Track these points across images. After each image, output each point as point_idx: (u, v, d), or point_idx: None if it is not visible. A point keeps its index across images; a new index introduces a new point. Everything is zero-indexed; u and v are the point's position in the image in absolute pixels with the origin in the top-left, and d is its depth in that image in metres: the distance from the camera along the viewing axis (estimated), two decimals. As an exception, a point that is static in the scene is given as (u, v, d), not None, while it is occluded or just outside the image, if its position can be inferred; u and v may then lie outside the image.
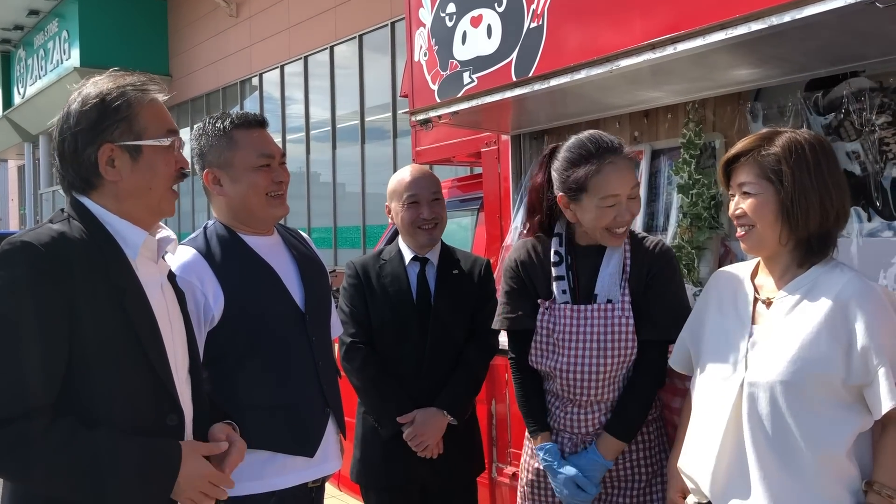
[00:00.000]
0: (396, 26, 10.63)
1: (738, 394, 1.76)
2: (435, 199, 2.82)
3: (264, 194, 2.16)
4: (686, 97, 2.57)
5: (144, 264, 1.67)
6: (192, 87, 16.72)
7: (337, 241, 12.46)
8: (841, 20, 1.75)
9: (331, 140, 12.63)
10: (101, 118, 1.61)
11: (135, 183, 1.64)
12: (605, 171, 2.14)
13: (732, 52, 2.04)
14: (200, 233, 2.20)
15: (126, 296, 1.58)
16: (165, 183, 1.68)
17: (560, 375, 2.24)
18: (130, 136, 1.62)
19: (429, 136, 3.73)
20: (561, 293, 2.25)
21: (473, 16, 2.65)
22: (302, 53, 13.03)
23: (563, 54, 2.33)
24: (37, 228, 1.56)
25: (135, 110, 1.63)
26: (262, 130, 2.21)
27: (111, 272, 1.57)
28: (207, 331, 2.07)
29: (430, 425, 2.69)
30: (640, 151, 2.80)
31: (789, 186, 1.73)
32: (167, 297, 1.73)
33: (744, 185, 1.80)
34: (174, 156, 1.69)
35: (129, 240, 1.63)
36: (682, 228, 2.60)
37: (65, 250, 1.51)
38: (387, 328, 2.78)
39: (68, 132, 1.62)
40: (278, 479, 2.09)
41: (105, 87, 1.64)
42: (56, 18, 18.20)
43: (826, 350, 1.67)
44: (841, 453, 1.68)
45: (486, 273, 2.92)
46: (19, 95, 21.33)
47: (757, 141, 1.79)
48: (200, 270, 2.09)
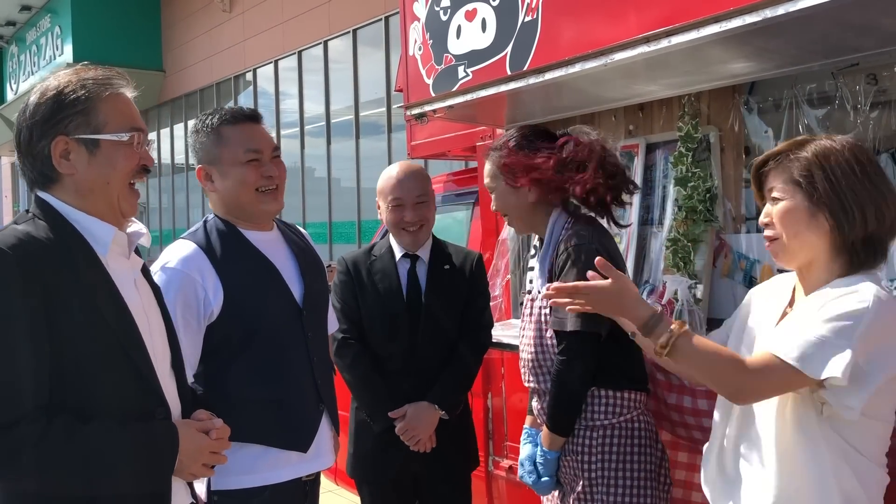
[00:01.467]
0: (390, 21, 10.60)
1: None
2: (420, 201, 2.79)
3: (254, 189, 2.15)
4: (681, 90, 2.58)
5: (115, 260, 1.65)
6: (185, 83, 16.66)
7: (332, 236, 12.45)
8: (835, 13, 1.75)
9: (325, 135, 12.61)
10: (56, 110, 1.59)
11: (91, 177, 1.61)
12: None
13: (727, 46, 2.04)
14: (200, 227, 2.19)
15: (98, 293, 1.56)
16: (124, 178, 1.65)
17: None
18: (88, 129, 1.60)
19: (424, 130, 3.73)
20: (528, 283, 2.42)
21: (468, 10, 2.65)
22: (296, 48, 12.99)
23: (557, 48, 2.33)
24: (1, 231, 1.54)
25: (94, 104, 1.61)
26: (251, 125, 2.19)
27: (81, 270, 1.55)
28: (206, 325, 2.07)
29: (422, 419, 2.70)
30: (636, 145, 2.80)
31: (826, 189, 1.61)
32: (142, 292, 1.71)
33: (772, 190, 1.70)
34: (136, 152, 1.66)
35: (97, 236, 1.61)
36: (678, 221, 2.61)
37: (32, 251, 1.49)
38: (377, 324, 2.78)
39: (24, 124, 1.61)
40: (272, 472, 2.09)
41: (64, 80, 1.62)
42: (48, 14, 18.10)
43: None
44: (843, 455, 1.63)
45: (478, 267, 2.91)
46: (12, 91, 21.23)
47: (788, 146, 1.71)
48: (201, 264, 2.08)
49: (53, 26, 17.82)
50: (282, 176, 2.22)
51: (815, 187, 1.63)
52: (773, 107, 2.41)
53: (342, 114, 12.23)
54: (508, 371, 3.15)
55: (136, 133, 1.65)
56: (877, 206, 1.61)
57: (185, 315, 2.03)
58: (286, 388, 2.12)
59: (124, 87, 1.68)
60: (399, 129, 10.47)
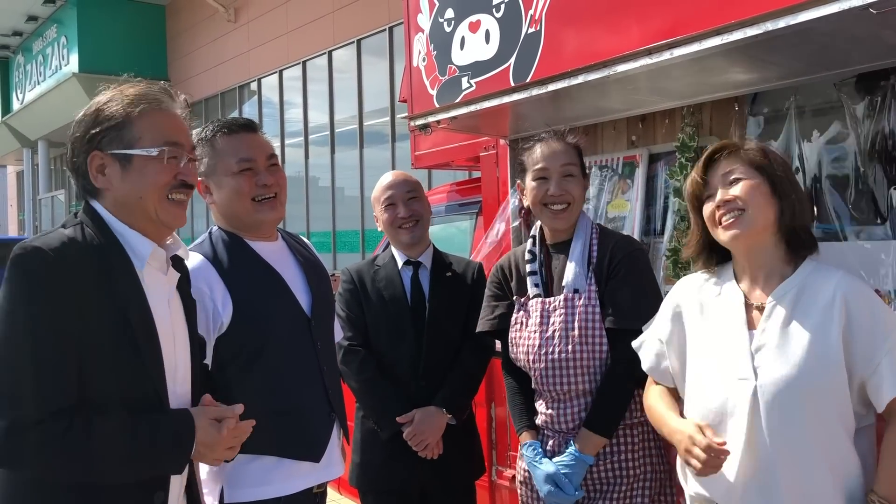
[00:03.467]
0: (394, 31, 10.65)
1: (751, 402, 1.73)
2: (411, 197, 2.86)
3: (249, 199, 2.14)
4: (683, 102, 2.59)
5: (152, 275, 1.67)
6: (190, 92, 16.30)
7: (336, 245, 12.46)
8: (835, 26, 1.77)
9: (329, 144, 12.64)
10: (92, 126, 1.64)
11: (125, 191, 1.64)
12: (536, 147, 2.35)
13: (728, 57, 2.05)
14: (206, 238, 2.20)
15: (130, 306, 1.59)
16: (157, 192, 1.66)
17: (532, 367, 2.30)
18: (121, 144, 1.63)
19: (427, 140, 3.75)
20: (534, 287, 2.35)
21: (472, 21, 2.66)
22: (300, 58, 13.04)
23: (560, 59, 2.35)
24: (49, 233, 1.57)
25: (130, 119, 1.63)
26: (245, 134, 2.18)
27: (115, 281, 1.58)
28: (216, 336, 2.07)
29: (430, 424, 2.70)
30: (638, 155, 2.82)
31: (781, 175, 1.79)
32: (173, 310, 1.73)
33: (731, 172, 1.82)
34: (168, 166, 1.67)
35: (137, 250, 1.64)
36: (679, 232, 2.62)
37: (74, 256, 1.53)
38: (382, 331, 2.80)
39: (70, 140, 1.67)
40: (285, 483, 2.08)
41: (107, 97, 1.66)
42: (55, 24, 18.19)
43: (834, 350, 1.68)
44: (841, 453, 1.69)
45: (479, 275, 2.94)
46: (18, 101, 21.32)
47: (730, 143, 1.87)
48: (209, 277, 2.08)
49: (59, 36, 17.91)
50: (280, 184, 2.19)
51: (776, 173, 1.79)
52: (775, 118, 2.42)
53: (346, 123, 12.26)
54: (512, 380, 3.15)
55: (168, 147, 1.66)
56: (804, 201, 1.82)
57: None
58: (298, 398, 2.12)
59: (165, 101, 1.70)
60: (403, 139, 10.50)
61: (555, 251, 2.38)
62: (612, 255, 2.26)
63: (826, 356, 1.68)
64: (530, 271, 2.37)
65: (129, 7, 17.05)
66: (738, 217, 1.79)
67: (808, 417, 1.68)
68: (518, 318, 2.36)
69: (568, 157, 2.32)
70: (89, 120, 1.64)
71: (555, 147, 2.33)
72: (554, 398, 2.29)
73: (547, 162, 2.31)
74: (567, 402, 2.26)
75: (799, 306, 1.74)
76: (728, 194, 1.80)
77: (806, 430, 1.69)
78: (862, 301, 1.70)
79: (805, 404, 1.68)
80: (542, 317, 2.30)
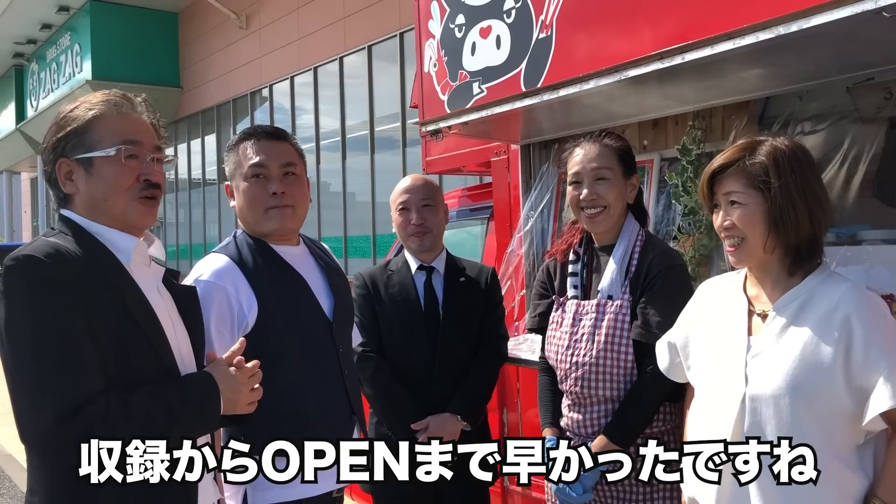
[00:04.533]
0: (405, 36, 10.67)
1: (739, 409, 1.72)
2: (425, 205, 2.84)
3: (260, 206, 2.14)
4: (694, 106, 2.58)
5: (138, 268, 1.70)
6: (202, 99, 16.80)
7: (347, 250, 12.48)
8: (849, 29, 1.76)
9: (340, 150, 12.67)
10: (57, 133, 1.68)
11: (91, 195, 1.68)
12: (573, 150, 2.32)
13: (740, 62, 2.04)
14: (231, 241, 2.21)
15: (127, 297, 1.62)
16: (121, 194, 1.68)
17: (558, 367, 2.32)
18: (82, 149, 1.66)
19: (439, 145, 3.75)
20: (572, 289, 2.35)
21: (482, 27, 2.67)
22: (312, 64, 13.08)
23: (571, 64, 2.34)
24: (33, 243, 1.60)
25: (89, 123, 1.67)
26: (266, 141, 2.18)
27: (109, 277, 1.61)
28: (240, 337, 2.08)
29: (445, 431, 2.70)
30: (651, 160, 2.81)
31: (777, 194, 1.71)
32: (164, 299, 1.77)
33: (731, 194, 1.77)
34: (128, 166, 1.68)
35: (120, 246, 1.67)
36: (685, 237, 2.60)
37: (65, 257, 1.56)
38: (396, 336, 2.80)
39: (41, 151, 1.72)
40: (307, 486, 2.08)
41: (69, 107, 1.71)
42: (68, 32, 18.33)
43: (829, 361, 1.64)
44: (845, 465, 1.66)
45: (493, 280, 2.94)
46: (32, 108, 21.48)
47: (740, 151, 1.77)
48: (234, 277, 2.09)
49: (73, 44, 18.04)
50: (294, 194, 2.17)
51: (778, 189, 1.71)
52: (786, 121, 2.41)
53: (357, 129, 12.29)
54: (524, 386, 3.15)
55: (125, 146, 1.67)
56: (808, 210, 1.71)
57: (219, 327, 2.04)
58: (320, 400, 2.12)
59: (124, 105, 1.72)
60: (414, 144, 10.51)
61: (600, 252, 2.36)
62: (650, 266, 2.23)
63: (819, 367, 1.65)
64: (571, 272, 2.37)
65: (141, 14, 17.16)
66: (738, 245, 1.78)
67: (794, 428, 1.65)
68: (555, 318, 2.38)
69: (602, 161, 2.27)
70: (54, 129, 1.69)
71: (589, 150, 2.29)
72: (576, 401, 2.30)
73: (580, 165, 2.29)
74: (589, 406, 2.27)
75: (801, 316, 1.71)
76: (728, 220, 1.78)
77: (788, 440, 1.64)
78: (865, 313, 1.66)
79: (791, 414, 1.66)
80: (574, 319, 2.31)
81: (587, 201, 2.27)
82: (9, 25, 18.86)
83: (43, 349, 1.50)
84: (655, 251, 2.27)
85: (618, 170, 2.28)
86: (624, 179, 2.29)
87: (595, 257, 2.37)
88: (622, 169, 2.29)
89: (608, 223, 2.29)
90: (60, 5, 17.30)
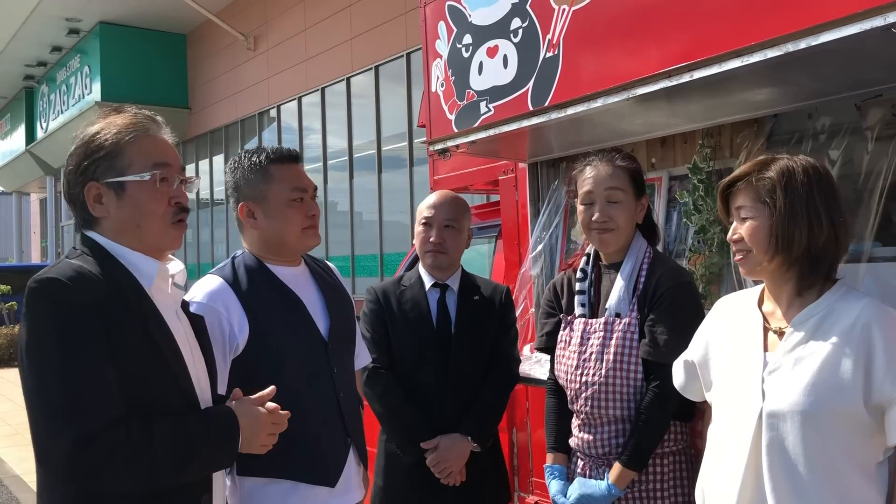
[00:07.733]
0: (412, 57, 10.74)
1: (756, 425, 1.71)
2: (447, 225, 2.82)
3: (300, 228, 2.19)
4: (703, 124, 2.58)
5: (159, 292, 1.70)
6: (211, 120, 16.92)
7: (355, 269, 12.49)
8: (857, 46, 1.75)
9: (348, 169, 12.72)
10: (85, 157, 1.66)
11: (122, 219, 1.67)
12: (585, 170, 2.33)
13: (748, 79, 2.04)
14: (228, 263, 2.23)
15: (148, 321, 1.62)
16: (155, 219, 1.69)
17: (568, 387, 2.30)
18: (113, 172, 1.66)
19: (446, 164, 3.76)
20: (580, 307, 2.34)
21: (489, 46, 2.68)
22: (319, 84, 13.17)
23: (579, 83, 2.35)
24: (57, 265, 1.60)
25: (120, 147, 1.66)
26: (296, 165, 2.25)
27: (130, 300, 1.61)
28: (231, 359, 2.09)
29: (454, 451, 2.67)
30: (659, 178, 2.81)
31: (781, 209, 1.73)
32: (183, 324, 1.77)
33: (741, 209, 1.81)
34: (162, 190, 1.69)
35: (142, 270, 1.67)
36: (695, 255, 2.59)
37: (88, 280, 1.56)
38: (407, 354, 2.77)
39: (65, 173, 1.70)
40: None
41: (94, 129, 1.69)
42: (78, 54, 18.51)
43: (847, 378, 1.63)
44: (863, 484, 1.64)
45: (507, 300, 2.91)
46: (42, 130, 21.66)
47: (753, 166, 1.81)
48: (227, 299, 2.11)
49: (83, 66, 18.22)
50: (318, 214, 2.28)
51: (785, 207, 1.73)
52: (796, 139, 2.40)
53: (365, 148, 12.34)
54: (533, 405, 3.13)
55: (158, 170, 1.68)
56: (808, 226, 1.72)
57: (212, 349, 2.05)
58: (312, 423, 2.12)
59: (152, 127, 1.73)
60: (421, 163, 10.54)
61: (606, 270, 2.35)
62: (658, 284, 2.22)
63: (838, 384, 1.63)
64: (579, 290, 2.37)
65: (150, 36, 17.33)
66: (745, 256, 1.81)
67: (812, 445, 1.64)
68: (563, 336, 2.37)
69: (614, 181, 2.28)
70: (81, 151, 1.68)
71: (601, 170, 2.30)
72: (587, 421, 2.28)
73: (592, 186, 2.29)
74: (599, 426, 2.25)
75: (820, 332, 1.70)
76: (736, 232, 1.82)
77: (807, 457, 1.64)
78: (886, 327, 1.64)
79: (809, 431, 1.64)
80: (582, 337, 2.30)
81: (599, 223, 2.27)
82: (20, 48, 19.08)
83: (64, 373, 1.49)
84: (663, 269, 2.26)
85: (630, 191, 2.29)
86: (635, 200, 2.30)
87: (602, 275, 2.36)
88: (633, 190, 2.30)
89: (618, 243, 2.30)
90: (70, 28, 17.50)
